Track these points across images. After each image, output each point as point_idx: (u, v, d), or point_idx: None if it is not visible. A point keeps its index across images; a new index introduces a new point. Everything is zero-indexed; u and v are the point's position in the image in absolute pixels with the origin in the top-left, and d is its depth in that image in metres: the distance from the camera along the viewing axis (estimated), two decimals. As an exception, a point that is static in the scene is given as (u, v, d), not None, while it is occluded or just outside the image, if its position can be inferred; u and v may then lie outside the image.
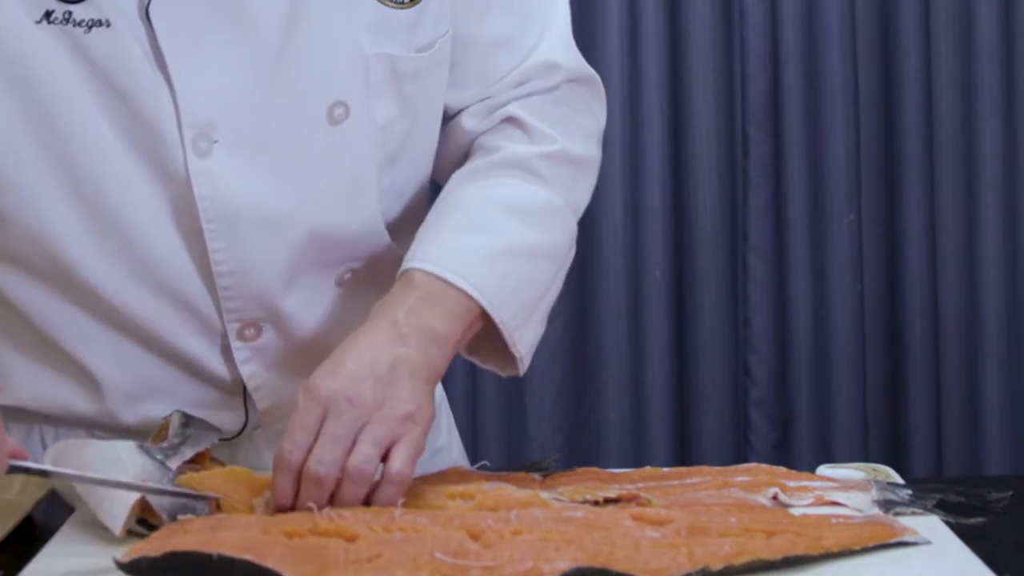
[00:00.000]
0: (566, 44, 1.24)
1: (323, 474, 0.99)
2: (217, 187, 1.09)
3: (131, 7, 1.06)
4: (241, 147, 1.10)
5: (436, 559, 0.89)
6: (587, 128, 1.25)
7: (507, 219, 1.15)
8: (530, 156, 1.19)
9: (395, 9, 1.14)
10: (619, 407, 2.49)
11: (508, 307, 1.12)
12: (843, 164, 2.45)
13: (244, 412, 1.21)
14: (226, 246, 1.11)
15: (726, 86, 2.47)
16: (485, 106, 1.22)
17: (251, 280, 1.13)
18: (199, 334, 1.16)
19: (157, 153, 1.09)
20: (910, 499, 1.09)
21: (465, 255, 1.11)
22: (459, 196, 1.17)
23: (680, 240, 2.50)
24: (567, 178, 1.21)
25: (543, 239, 1.17)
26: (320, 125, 1.12)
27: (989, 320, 2.49)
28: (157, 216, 1.10)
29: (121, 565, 0.90)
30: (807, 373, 2.49)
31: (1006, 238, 2.49)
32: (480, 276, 1.10)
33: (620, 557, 0.91)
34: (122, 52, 1.06)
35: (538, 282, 1.16)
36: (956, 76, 2.48)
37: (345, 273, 1.20)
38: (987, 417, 2.50)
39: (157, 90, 1.07)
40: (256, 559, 0.88)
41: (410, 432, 1.02)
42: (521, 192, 1.17)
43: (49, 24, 1.05)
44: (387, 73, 1.15)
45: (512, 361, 1.16)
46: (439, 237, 1.13)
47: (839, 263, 2.47)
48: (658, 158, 2.46)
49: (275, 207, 1.12)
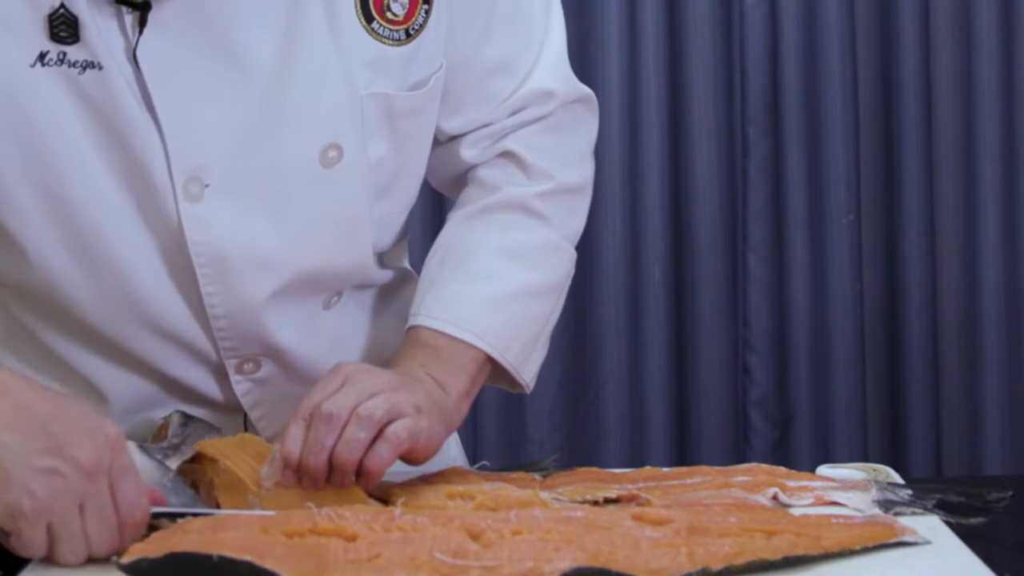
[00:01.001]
0: (560, 69, 1.25)
1: (334, 412, 1.02)
2: (209, 232, 1.09)
3: (119, 49, 1.05)
4: (233, 191, 1.09)
5: (435, 559, 0.89)
6: (581, 149, 1.28)
7: (506, 264, 1.20)
8: (527, 197, 1.23)
9: (391, 46, 1.13)
10: (618, 406, 2.49)
11: (512, 348, 1.18)
12: (842, 164, 2.45)
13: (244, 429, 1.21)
14: (219, 289, 1.11)
15: (726, 86, 2.47)
16: (483, 135, 1.24)
17: (246, 320, 1.13)
18: (198, 366, 1.17)
19: (149, 197, 1.08)
20: (910, 499, 1.09)
21: (468, 306, 1.16)
22: (460, 244, 1.22)
23: (679, 240, 2.50)
24: (564, 210, 1.25)
25: (543, 278, 1.22)
26: (313, 168, 1.11)
27: (988, 320, 2.49)
28: (151, 259, 1.10)
29: (121, 566, 0.90)
30: (806, 373, 2.49)
31: (1005, 238, 2.49)
32: (483, 325, 1.16)
33: (620, 557, 0.91)
34: (113, 95, 1.05)
35: (539, 317, 1.22)
36: (956, 76, 2.48)
37: (332, 298, 1.20)
38: (986, 417, 2.50)
39: (147, 134, 1.06)
40: (256, 560, 0.88)
41: (417, 418, 1.05)
42: (520, 236, 1.22)
43: (44, 67, 1.04)
44: (381, 112, 1.14)
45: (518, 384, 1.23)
46: (441, 291, 1.18)
47: (838, 263, 2.47)
48: (657, 158, 2.46)
49: (268, 250, 1.12)
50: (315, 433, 1.02)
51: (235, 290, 1.11)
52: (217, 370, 1.17)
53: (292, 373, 1.19)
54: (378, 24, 1.12)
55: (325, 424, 1.02)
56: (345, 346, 1.22)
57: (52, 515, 0.93)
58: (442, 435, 1.10)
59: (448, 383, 1.13)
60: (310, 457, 1.02)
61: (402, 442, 1.04)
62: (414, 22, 1.13)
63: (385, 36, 1.12)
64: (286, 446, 1.02)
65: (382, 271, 1.24)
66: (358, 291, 1.23)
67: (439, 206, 2.43)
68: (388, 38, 1.12)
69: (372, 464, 1.03)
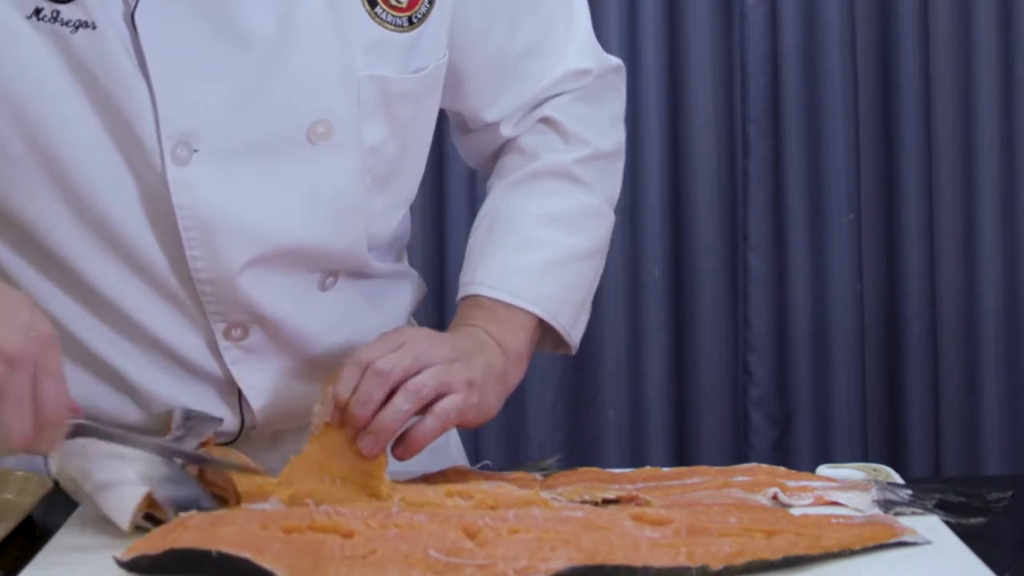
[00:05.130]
0: (591, 46, 1.30)
1: (387, 370, 1.06)
2: (195, 196, 1.09)
3: (117, 11, 1.06)
4: (221, 158, 1.10)
5: (430, 556, 0.89)
6: (614, 113, 1.33)
7: (552, 231, 1.25)
8: (567, 163, 1.27)
9: (394, 32, 1.15)
10: (618, 406, 2.49)
11: (564, 312, 1.24)
12: (842, 164, 2.45)
13: (240, 414, 1.21)
14: (204, 254, 1.12)
15: (726, 86, 2.47)
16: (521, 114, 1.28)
17: (231, 287, 1.13)
18: (190, 331, 1.16)
19: (138, 158, 1.09)
20: (910, 499, 1.08)
21: (521, 275, 1.22)
22: (506, 212, 1.26)
23: (679, 239, 2.50)
24: (602, 175, 1.30)
25: (586, 242, 1.27)
26: (300, 142, 1.12)
27: (988, 320, 2.49)
28: (140, 219, 1.11)
29: (121, 563, 0.90)
30: (807, 373, 2.49)
31: (1004, 238, 2.49)
32: (537, 292, 1.22)
33: (619, 557, 0.91)
34: (106, 55, 1.06)
35: (585, 280, 1.28)
36: (955, 77, 2.48)
37: (327, 279, 1.21)
38: (986, 416, 2.50)
39: (139, 96, 1.07)
40: (254, 555, 0.88)
41: (468, 394, 1.10)
42: (562, 202, 1.26)
43: (39, 21, 1.05)
44: (379, 94, 1.15)
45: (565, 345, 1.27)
46: (492, 259, 1.23)
47: (838, 263, 2.47)
48: (657, 158, 2.46)
49: (254, 220, 1.12)
50: (366, 385, 1.06)
51: (219, 255, 1.12)
52: (210, 339, 1.17)
53: (283, 345, 1.19)
54: (381, 9, 1.14)
55: (376, 378, 1.06)
56: (343, 329, 1.22)
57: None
58: (495, 405, 1.15)
59: (508, 343, 1.18)
60: (357, 407, 1.05)
61: (450, 420, 1.09)
62: (417, 10, 1.16)
63: (388, 21, 1.15)
64: (338, 388, 1.06)
65: (381, 264, 1.25)
66: (357, 278, 1.23)
67: (439, 206, 2.43)
68: (391, 23, 1.15)
69: (418, 435, 1.08)
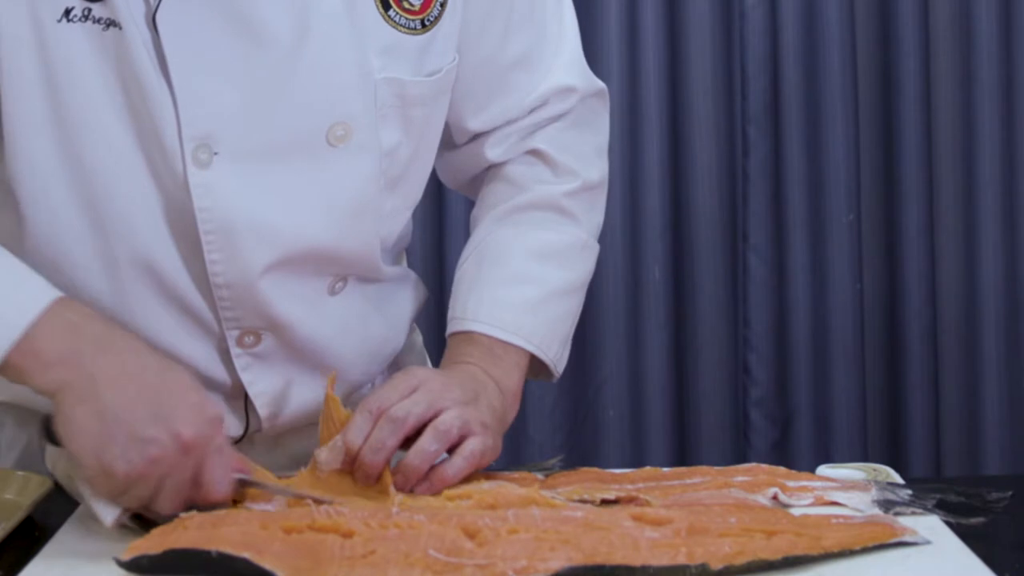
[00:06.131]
0: (577, 64, 1.30)
1: (401, 417, 1.07)
2: (216, 199, 1.10)
3: (140, 12, 1.07)
4: (241, 160, 1.10)
5: (429, 556, 0.90)
6: (598, 144, 1.34)
7: (542, 266, 1.26)
8: (556, 196, 1.29)
9: (407, 35, 1.16)
10: (618, 406, 2.49)
11: (553, 346, 1.25)
12: (842, 164, 2.45)
13: (245, 417, 1.21)
14: (223, 257, 1.12)
15: (726, 86, 2.47)
16: (508, 133, 1.29)
17: (248, 291, 1.14)
18: (199, 339, 1.16)
19: (160, 160, 1.09)
20: (910, 499, 1.09)
21: (515, 311, 1.23)
22: (495, 246, 1.27)
23: (679, 240, 2.49)
24: (589, 208, 1.32)
25: (574, 275, 1.29)
26: (319, 144, 1.13)
27: (988, 320, 2.49)
28: (159, 222, 1.11)
29: (121, 563, 0.91)
30: (807, 373, 2.49)
31: (1005, 238, 2.49)
32: (530, 328, 1.23)
33: (618, 557, 0.91)
34: (131, 56, 1.06)
35: (571, 313, 1.29)
36: (955, 76, 2.48)
37: (337, 283, 1.21)
38: (986, 417, 2.50)
39: (161, 98, 1.07)
40: (254, 555, 0.88)
41: (484, 436, 1.10)
42: (552, 236, 1.28)
43: (69, 22, 1.06)
44: (395, 97, 1.16)
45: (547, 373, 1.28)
46: (483, 294, 1.24)
47: (838, 263, 2.47)
48: (657, 158, 2.46)
49: (273, 222, 1.12)
50: (379, 432, 1.06)
51: (238, 259, 1.12)
52: (220, 346, 1.17)
53: (293, 352, 1.19)
54: (395, 12, 1.15)
55: (390, 425, 1.06)
56: (349, 336, 1.22)
57: (139, 481, 0.93)
58: (499, 448, 1.15)
59: (504, 383, 1.19)
60: (369, 454, 1.05)
61: (476, 462, 1.10)
62: (429, 13, 1.17)
63: (401, 24, 1.16)
64: (349, 436, 1.06)
65: (388, 267, 1.26)
66: (364, 283, 1.24)
67: (439, 206, 2.43)
68: (404, 26, 1.16)
69: (449, 476, 1.08)
